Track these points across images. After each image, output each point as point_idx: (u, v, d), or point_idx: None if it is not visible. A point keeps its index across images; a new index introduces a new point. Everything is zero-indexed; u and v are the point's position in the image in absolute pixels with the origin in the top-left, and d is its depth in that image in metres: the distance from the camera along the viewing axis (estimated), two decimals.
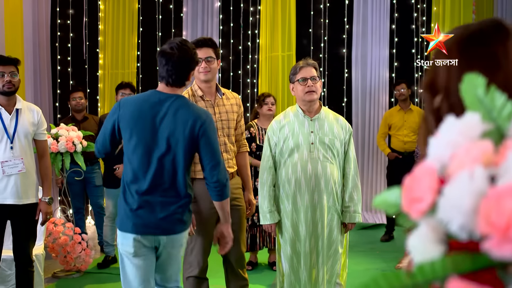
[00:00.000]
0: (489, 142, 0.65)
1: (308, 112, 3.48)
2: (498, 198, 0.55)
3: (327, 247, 3.42)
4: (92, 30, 8.48)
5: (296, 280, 3.46)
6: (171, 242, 2.97)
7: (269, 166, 3.52)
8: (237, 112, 3.68)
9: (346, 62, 8.15)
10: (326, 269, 3.42)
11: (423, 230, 0.66)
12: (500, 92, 0.74)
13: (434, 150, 0.69)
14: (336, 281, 3.47)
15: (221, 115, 3.58)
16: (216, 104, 3.59)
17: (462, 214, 0.59)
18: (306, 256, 3.41)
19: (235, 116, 3.67)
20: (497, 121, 0.73)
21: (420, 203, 0.65)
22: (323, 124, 3.45)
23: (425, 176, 0.66)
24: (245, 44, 8.30)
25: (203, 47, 3.48)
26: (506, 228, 0.53)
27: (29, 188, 3.90)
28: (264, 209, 3.51)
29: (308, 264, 3.42)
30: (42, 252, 4.44)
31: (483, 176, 0.60)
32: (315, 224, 3.40)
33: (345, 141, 3.48)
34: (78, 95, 6.37)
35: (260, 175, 3.57)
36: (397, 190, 0.79)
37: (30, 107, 4.02)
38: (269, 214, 3.49)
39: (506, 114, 0.72)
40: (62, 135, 5.33)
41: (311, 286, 3.45)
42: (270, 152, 3.53)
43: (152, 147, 2.88)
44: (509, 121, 0.72)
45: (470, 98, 0.76)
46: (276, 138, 3.50)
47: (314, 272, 3.43)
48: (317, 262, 3.42)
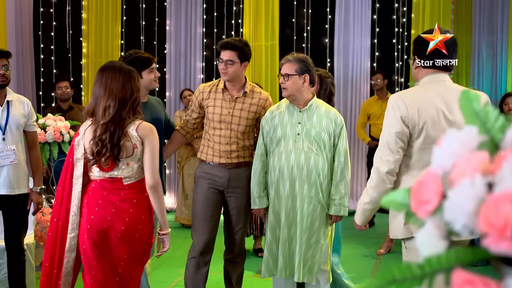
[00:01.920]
0: (486, 152, 0.76)
1: (297, 104, 3.59)
2: (495, 203, 0.66)
3: (307, 236, 3.50)
4: (75, 19, 8.48)
5: (274, 265, 3.59)
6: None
7: (260, 153, 3.68)
8: (255, 112, 3.89)
9: (328, 52, 8.27)
10: (305, 258, 3.51)
11: (429, 228, 0.78)
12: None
13: (438, 158, 0.80)
14: (317, 270, 3.57)
15: (234, 111, 3.84)
16: (235, 100, 3.86)
17: (465, 216, 0.70)
18: (284, 243, 3.53)
19: (252, 116, 3.88)
20: (491, 132, 0.85)
21: (427, 205, 0.77)
22: (311, 116, 3.55)
23: (431, 182, 0.78)
24: (228, 33, 8.38)
25: (226, 49, 3.76)
26: (503, 228, 0.65)
27: (21, 178, 3.96)
28: (254, 194, 3.68)
29: (285, 251, 3.53)
30: (33, 241, 4.50)
31: (482, 183, 0.71)
32: (295, 213, 3.51)
33: (335, 134, 3.56)
34: (64, 84, 6.39)
35: (253, 162, 3.74)
36: (403, 191, 0.90)
37: (21, 99, 4.06)
38: (258, 199, 3.66)
39: (499, 126, 0.84)
40: (50, 125, 5.37)
41: (287, 273, 3.56)
42: (262, 140, 3.68)
43: None
44: (501, 132, 0.83)
45: (467, 111, 0.88)
46: (268, 127, 3.64)
47: (292, 260, 3.54)
48: (295, 250, 3.52)
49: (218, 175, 3.87)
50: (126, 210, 3.03)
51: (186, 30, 8.51)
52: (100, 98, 3.03)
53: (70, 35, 8.47)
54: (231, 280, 4.07)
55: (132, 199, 3.06)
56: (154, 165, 3.03)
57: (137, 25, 8.50)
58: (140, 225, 3.06)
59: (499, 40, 8.24)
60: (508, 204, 0.65)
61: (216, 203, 3.91)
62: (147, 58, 3.78)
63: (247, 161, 3.91)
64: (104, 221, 3.02)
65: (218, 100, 3.86)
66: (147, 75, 3.76)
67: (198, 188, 3.94)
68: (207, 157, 3.89)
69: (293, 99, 3.56)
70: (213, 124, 3.86)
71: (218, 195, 3.90)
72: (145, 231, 3.09)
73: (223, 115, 3.84)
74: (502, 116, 0.86)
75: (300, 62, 3.53)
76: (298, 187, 3.48)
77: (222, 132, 3.84)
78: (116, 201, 3.04)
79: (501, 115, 0.86)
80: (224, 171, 3.86)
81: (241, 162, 3.89)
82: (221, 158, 3.84)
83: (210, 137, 3.89)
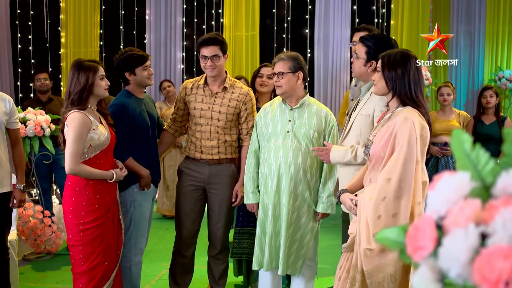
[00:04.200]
0: (478, 201, 0.81)
1: (290, 102, 3.63)
2: (489, 257, 0.71)
3: (293, 231, 3.59)
4: (53, 8, 8.37)
5: (262, 257, 3.67)
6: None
7: (254, 149, 3.77)
8: (235, 107, 3.92)
9: (308, 42, 8.30)
10: (289, 252, 3.60)
11: (424, 270, 0.82)
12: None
13: (432, 203, 0.85)
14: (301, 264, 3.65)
15: (214, 106, 3.90)
16: (215, 95, 3.91)
17: (459, 266, 0.75)
18: (270, 237, 3.62)
19: (232, 111, 3.91)
20: (481, 174, 0.89)
21: (422, 250, 0.81)
22: (302, 114, 3.61)
23: (426, 227, 0.82)
24: (208, 23, 8.36)
25: (209, 45, 3.78)
26: (496, 282, 0.69)
27: (3, 177, 3.93)
28: (247, 189, 3.77)
29: (272, 245, 3.62)
30: (15, 238, 4.49)
31: (476, 233, 0.76)
32: (281, 208, 3.59)
33: (325, 133, 3.63)
34: (43, 76, 6.33)
35: (247, 157, 3.81)
36: (396, 229, 0.95)
37: (2, 96, 4.02)
38: (251, 195, 3.75)
39: (489, 169, 0.88)
40: (30, 119, 5.33)
41: (273, 265, 3.66)
42: (256, 136, 3.77)
43: None
44: (492, 176, 0.88)
45: (459, 153, 0.92)
46: (261, 124, 3.72)
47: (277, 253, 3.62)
48: (280, 243, 3.60)
49: (199, 171, 3.96)
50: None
51: (166, 19, 8.47)
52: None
53: (48, 24, 8.37)
54: (214, 276, 4.14)
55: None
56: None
57: (116, 14, 8.43)
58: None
59: (476, 29, 8.35)
60: (500, 259, 0.69)
61: (196, 198, 4.02)
62: (140, 56, 3.80)
63: (230, 158, 3.97)
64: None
65: (199, 96, 3.93)
66: (140, 72, 3.78)
67: (180, 183, 4.06)
68: (190, 152, 3.99)
69: (287, 96, 3.61)
70: (195, 120, 3.94)
71: (198, 191, 4.01)
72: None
73: (203, 111, 3.90)
74: (492, 160, 0.90)
75: (293, 60, 3.58)
76: (284, 184, 3.55)
77: (203, 128, 3.91)
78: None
79: (491, 159, 0.90)
80: (205, 167, 3.94)
81: (222, 159, 3.94)
82: (202, 153, 3.93)
83: (192, 133, 3.98)
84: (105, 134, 3.44)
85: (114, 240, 3.55)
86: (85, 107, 3.40)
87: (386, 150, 2.63)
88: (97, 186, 3.43)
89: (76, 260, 3.43)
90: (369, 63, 3.34)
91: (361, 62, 3.37)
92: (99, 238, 3.42)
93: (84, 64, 3.48)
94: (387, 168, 2.59)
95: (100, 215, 3.42)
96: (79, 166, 3.33)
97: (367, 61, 3.34)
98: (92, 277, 3.41)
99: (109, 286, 3.50)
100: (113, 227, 3.55)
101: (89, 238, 3.39)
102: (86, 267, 3.40)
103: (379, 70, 2.78)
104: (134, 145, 3.78)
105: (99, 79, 3.45)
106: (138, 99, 3.85)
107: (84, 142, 3.34)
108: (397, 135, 2.61)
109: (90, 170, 3.38)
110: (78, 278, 3.44)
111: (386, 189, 2.56)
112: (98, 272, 3.43)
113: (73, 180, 3.41)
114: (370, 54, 3.32)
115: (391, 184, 2.55)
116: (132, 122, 3.74)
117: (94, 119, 3.42)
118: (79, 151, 3.32)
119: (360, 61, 3.37)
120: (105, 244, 3.46)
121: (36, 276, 5.08)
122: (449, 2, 8.34)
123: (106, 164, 3.49)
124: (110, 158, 3.54)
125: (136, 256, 3.89)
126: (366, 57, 3.34)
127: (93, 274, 3.42)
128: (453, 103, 6.28)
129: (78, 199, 3.39)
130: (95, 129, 3.38)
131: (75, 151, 3.30)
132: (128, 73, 3.79)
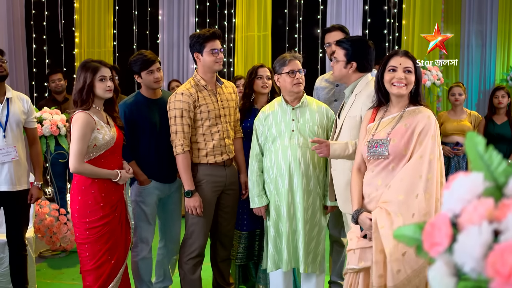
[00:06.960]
0: (491, 200, 0.86)
1: (291, 102, 3.69)
2: (502, 252, 0.76)
3: (309, 229, 3.65)
4: (67, 8, 8.46)
5: (279, 259, 3.71)
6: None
7: (255, 153, 3.78)
8: (234, 100, 3.98)
9: (320, 42, 8.33)
10: (308, 250, 3.65)
11: (440, 265, 0.87)
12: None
13: (447, 202, 0.90)
14: (320, 260, 3.71)
15: (223, 103, 3.88)
16: (217, 92, 3.87)
17: (473, 260, 0.80)
18: (287, 237, 3.65)
19: (234, 104, 3.97)
20: (494, 175, 0.94)
21: (438, 246, 0.86)
22: (304, 112, 3.68)
23: (442, 225, 0.87)
24: (221, 23, 8.41)
25: (219, 39, 3.79)
26: (508, 276, 0.74)
27: (22, 175, 4.03)
28: (253, 194, 3.78)
29: (289, 244, 3.65)
30: (33, 235, 4.58)
31: (489, 230, 0.81)
32: (295, 207, 3.63)
33: (328, 127, 3.71)
34: (57, 76, 6.42)
35: (249, 162, 3.83)
36: (413, 226, 1.00)
37: (20, 96, 4.11)
38: (257, 198, 3.76)
39: (501, 170, 0.94)
40: (46, 119, 5.42)
41: (292, 265, 3.69)
42: (257, 140, 3.79)
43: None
44: (504, 176, 0.93)
45: (473, 154, 0.97)
46: (262, 127, 3.75)
47: (296, 252, 3.66)
48: (298, 242, 3.65)
49: (219, 175, 3.88)
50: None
51: (179, 20, 8.53)
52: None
53: (62, 24, 8.46)
54: (227, 279, 4.17)
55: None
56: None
57: (129, 14, 8.51)
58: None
59: (488, 29, 8.35)
60: None
61: (214, 204, 3.94)
62: (145, 60, 3.83)
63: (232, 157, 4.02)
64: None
65: (207, 97, 3.80)
66: (146, 76, 3.85)
67: (202, 193, 3.81)
68: (208, 158, 3.81)
69: (299, 94, 3.72)
70: (210, 122, 3.76)
71: (217, 196, 3.94)
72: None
73: (216, 110, 3.81)
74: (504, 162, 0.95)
75: (301, 61, 3.74)
76: (297, 182, 3.60)
77: (219, 127, 3.81)
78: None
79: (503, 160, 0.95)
80: (223, 170, 3.89)
81: (231, 158, 3.97)
82: (222, 154, 3.84)
83: (210, 138, 3.79)
84: (110, 134, 3.47)
85: (121, 238, 3.58)
86: (89, 107, 3.44)
87: (408, 148, 2.65)
88: (102, 185, 3.47)
89: (83, 258, 3.48)
90: (349, 65, 3.38)
91: (341, 65, 3.40)
92: (105, 236, 3.46)
93: (86, 64, 3.49)
94: (414, 166, 2.60)
95: (106, 213, 3.46)
96: (82, 165, 3.37)
97: (346, 63, 3.39)
98: (99, 275, 3.47)
99: (116, 283, 3.55)
100: (120, 226, 3.58)
101: (95, 237, 3.44)
102: (93, 265, 3.45)
103: (411, 71, 2.79)
104: (137, 145, 3.86)
105: (98, 80, 3.44)
106: (149, 100, 3.89)
107: (88, 142, 3.38)
108: (421, 133, 2.65)
109: (94, 169, 3.42)
110: (86, 276, 3.50)
111: (419, 185, 2.56)
112: (105, 270, 3.48)
113: (79, 179, 3.46)
114: (349, 56, 3.37)
115: (422, 181, 2.57)
116: (130, 122, 3.81)
117: (99, 119, 3.45)
118: (83, 151, 3.37)
119: (340, 63, 3.40)
120: (112, 242, 3.50)
121: (52, 273, 5.17)
122: (461, 2, 8.35)
123: (112, 164, 3.51)
124: (116, 158, 3.57)
125: (142, 252, 3.94)
126: (346, 59, 3.38)
127: (100, 272, 3.47)
128: (464, 103, 6.31)
129: (84, 198, 3.44)
130: (99, 129, 3.42)
131: (79, 150, 3.35)
132: (136, 76, 3.89)
